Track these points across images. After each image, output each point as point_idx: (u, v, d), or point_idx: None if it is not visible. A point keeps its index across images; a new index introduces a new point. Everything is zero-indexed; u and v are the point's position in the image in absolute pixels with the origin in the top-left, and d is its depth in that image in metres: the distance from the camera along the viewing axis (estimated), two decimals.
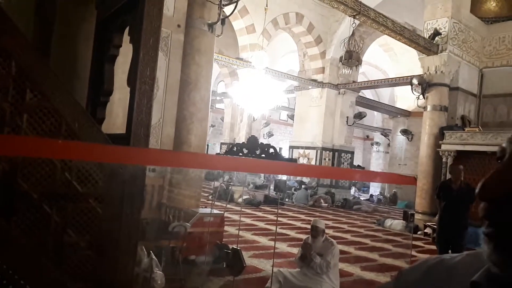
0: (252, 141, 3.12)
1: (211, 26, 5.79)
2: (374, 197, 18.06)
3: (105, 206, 1.93)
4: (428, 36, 10.19)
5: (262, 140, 17.91)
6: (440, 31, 10.10)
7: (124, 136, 1.97)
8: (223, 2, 5.94)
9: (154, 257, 3.59)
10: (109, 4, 2.44)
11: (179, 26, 5.38)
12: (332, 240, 4.10)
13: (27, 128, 1.74)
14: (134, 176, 1.99)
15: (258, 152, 2.84)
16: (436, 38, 10.10)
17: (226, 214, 6.45)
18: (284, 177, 15.65)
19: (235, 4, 6.25)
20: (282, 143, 24.52)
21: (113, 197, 1.96)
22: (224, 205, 8.99)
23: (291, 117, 18.61)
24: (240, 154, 3.16)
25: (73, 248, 1.85)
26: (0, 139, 1.29)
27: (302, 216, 10.42)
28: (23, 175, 1.73)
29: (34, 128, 1.75)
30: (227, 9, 6.48)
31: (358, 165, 25.22)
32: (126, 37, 2.46)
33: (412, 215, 9.64)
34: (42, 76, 1.82)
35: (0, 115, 1.68)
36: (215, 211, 5.64)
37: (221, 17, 6.03)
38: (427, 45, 9.92)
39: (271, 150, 2.81)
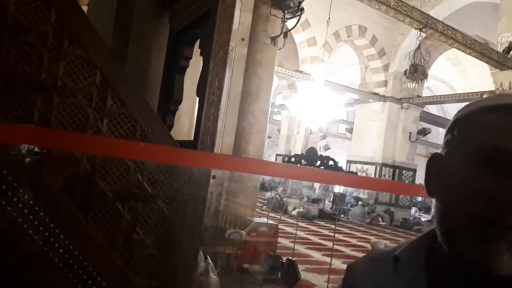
0: (311, 152, 3.12)
1: (273, 39, 5.91)
2: None
3: (172, 208, 2.03)
4: (502, 50, 9.56)
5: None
6: None
7: (192, 142, 2.08)
8: (286, 16, 6.04)
9: (210, 261, 3.69)
10: (182, 18, 2.60)
11: (243, 39, 5.56)
12: None
13: (106, 132, 1.89)
14: (199, 181, 2.09)
15: (317, 164, 2.84)
16: (511, 52, 9.44)
17: (280, 226, 6.46)
18: (342, 191, 15.34)
19: (298, 17, 6.33)
20: (339, 157, 24.05)
21: (179, 200, 2.06)
22: (278, 216, 8.99)
23: (350, 130, 18.24)
24: (299, 165, 3.18)
25: (140, 246, 1.97)
26: (89, 139, 1.43)
27: (358, 234, 10.12)
28: (101, 174, 1.88)
29: (112, 132, 1.91)
30: (290, 23, 6.58)
31: (420, 183, 23.95)
32: (195, 50, 2.61)
33: None
34: (121, 85, 1.98)
35: (85, 119, 1.85)
36: (270, 222, 5.68)
37: (283, 30, 6.14)
38: (500, 59, 9.30)
39: (331, 162, 2.80)
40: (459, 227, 0.47)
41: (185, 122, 3.11)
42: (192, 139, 2.11)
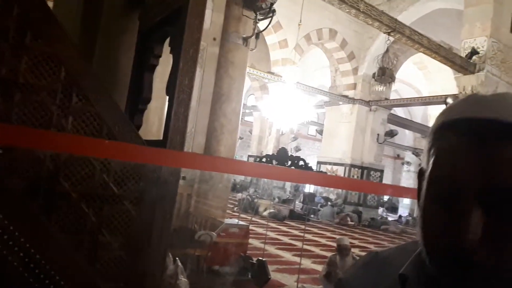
0: (282, 153, 3.14)
1: (245, 40, 5.90)
2: (402, 218, 17.57)
3: (139, 209, 1.98)
4: (465, 55, 9.97)
5: None
6: (478, 50, 9.87)
7: (160, 142, 2.03)
8: (258, 17, 6.05)
9: (180, 264, 3.64)
10: (152, 15, 2.55)
11: (214, 39, 5.53)
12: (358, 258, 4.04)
13: (71, 130, 1.83)
14: (167, 181, 2.05)
15: (288, 164, 2.86)
16: (474, 57, 9.86)
17: (251, 227, 6.45)
18: (312, 191, 15.50)
19: (269, 19, 6.36)
20: (309, 158, 24.33)
21: (146, 201, 2.01)
22: (249, 217, 8.99)
23: (320, 132, 18.51)
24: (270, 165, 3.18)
25: (106, 248, 1.91)
26: (51, 136, 1.37)
27: (328, 234, 10.26)
28: (65, 175, 1.81)
29: (77, 130, 1.84)
30: (262, 24, 6.60)
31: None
32: (165, 48, 2.56)
33: None
34: (87, 82, 1.92)
35: (48, 117, 1.77)
36: (241, 223, 5.67)
37: (255, 31, 6.15)
38: (463, 64, 9.70)
39: (301, 163, 2.82)
40: (434, 255, 0.45)
41: (154, 122, 3.05)
42: (161, 138, 2.07)
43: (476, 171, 0.42)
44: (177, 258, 3.63)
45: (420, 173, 0.52)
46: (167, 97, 2.15)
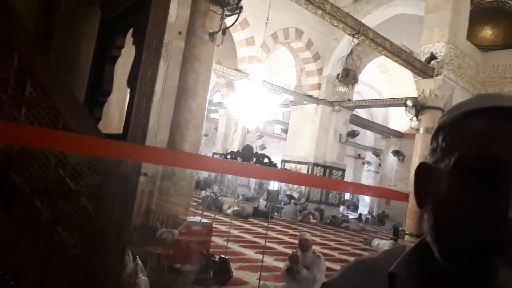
0: (247, 150, 3.13)
1: (212, 35, 5.83)
2: (362, 216, 18.08)
3: (96, 205, 1.91)
4: (424, 59, 10.37)
5: None
6: (436, 55, 10.29)
7: (120, 136, 1.96)
8: (225, 13, 6.00)
9: (140, 262, 3.55)
10: (115, 5, 2.46)
11: (180, 33, 5.43)
12: (320, 254, 4.10)
13: (24, 122, 1.73)
14: (127, 176, 1.98)
15: (252, 161, 2.85)
16: (432, 62, 10.27)
17: (214, 225, 6.41)
18: (276, 189, 15.62)
19: (237, 15, 6.32)
20: (274, 156, 24.47)
21: (104, 197, 1.94)
22: (213, 215, 8.93)
23: (285, 131, 18.69)
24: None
25: (61, 246, 1.82)
26: (1, 126, 1.28)
27: (290, 231, 10.38)
28: (18, 168, 1.71)
29: (31, 122, 1.74)
30: (228, 20, 6.55)
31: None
32: (128, 40, 2.48)
33: (403, 231, 9.68)
34: (43, 71, 1.82)
35: (0, 107, 1.67)
36: (204, 221, 5.61)
37: (222, 27, 6.09)
38: (423, 68, 10.08)
39: (266, 160, 2.83)
40: (454, 243, 0.45)
41: (114, 115, 2.95)
42: (121, 132, 2.00)
43: None
44: (137, 256, 3.53)
45: (425, 169, 0.52)
46: (129, 90, 2.09)
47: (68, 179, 1.81)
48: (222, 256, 4.21)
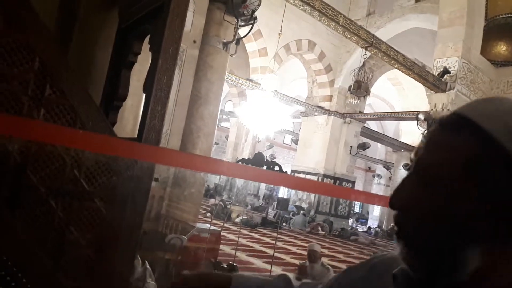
0: (258, 157, 3.14)
1: (225, 45, 5.91)
2: (372, 229, 17.87)
3: (109, 207, 1.93)
4: (437, 73, 10.33)
5: None
6: (450, 69, 10.24)
7: (135, 140, 2.00)
8: (239, 23, 6.08)
9: (148, 267, 3.56)
10: (132, 12, 2.52)
11: (194, 42, 5.50)
12: (329, 266, 4.07)
13: None
14: (140, 180, 2.01)
15: (263, 168, 2.86)
16: (445, 76, 10.22)
17: (222, 233, 6.40)
18: (285, 197, 15.54)
19: (251, 26, 6.40)
20: (284, 167, 24.46)
21: (118, 199, 1.97)
22: (221, 223, 8.92)
23: (295, 141, 18.66)
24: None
25: (73, 246, 1.85)
26: (20, 122, 1.32)
27: (299, 242, 10.31)
28: (34, 168, 1.75)
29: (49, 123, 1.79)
30: (242, 31, 6.63)
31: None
32: (144, 46, 2.53)
33: None
34: (63, 73, 1.86)
35: (19, 108, 1.71)
36: (213, 228, 5.61)
37: (236, 37, 6.16)
38: (435, 82, 10.03)
39: (276, 168, 2.83)
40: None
41: (129, 120, 3.00)
42: (136, 136, 2.03)
43: (420, 150, 0.51)
44: (146, 261, 3.55)
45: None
46: (144, 96, 2.12)
47: (83, 180, 1.84)
48: (231, 263, 4.19)
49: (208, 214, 10.53)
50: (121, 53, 2.63)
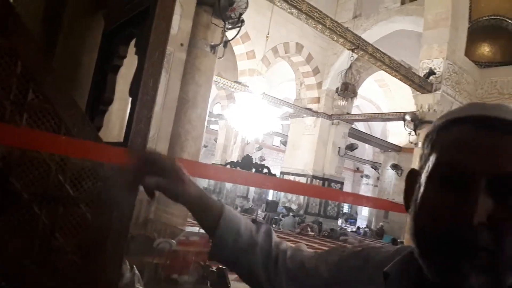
0: (247, 159, 3.14)
1: (213, 47, 5.91)
2: (360, 229, 17.99)
3: (95, 213, 1.91)
4: (423, 74, 10.46)
5: None
6: (435, 71, 10.39)
7: (121, 144, 1.98)
8: (227, 26, 6.08)
9: (137, 272, 3.53)
10: (118, 15, 2.50)
11: (182, 44, 5.49)
12: None
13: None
14: (127, 186, 1.99)
15: (252, 171, 2.86)
16: (431, 78, 10.36)
17: None
18: (275, 200, 15.55)
19: (238, 29, 6.41)
20: (273, 168, 24.46)
21: (104, 204, 1.95)
22: None
23: (284, 143, 18.72)
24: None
25: (59, 252, 1.82)
26: (2, 128, 1.30)
27: (288, 243, 10.30)
28: (17, 174, 1.72)
29: (33, 128, 1.76)
30: (230, 34, 6.64)
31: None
32: (130, 50, 2.51)
33: (401, 243, 9.64)
34: (46, 78, 1.84)
35: (1, 113, 1.69)
36: (202, 231, 5.59)
37: (223, 40, 6.17)
38: (421, 83, 10.16)
39: (265, 170, 2.84)
40: (428, 246, 0.47)
41: (115, 125, 2.97)
42: (122, 141, 2.01)
43: (486, 159, 0.45)
44: (134, 266, 3.52)
45: (413, 174, 0.55)
46: (130, 99, 2.11)
47: (68, 186, 1.82)
48: (220, 266, 4.18)
49: None
50: (106, 56, 2.61)
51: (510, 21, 11.53)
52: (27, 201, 1.75)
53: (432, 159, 0.49)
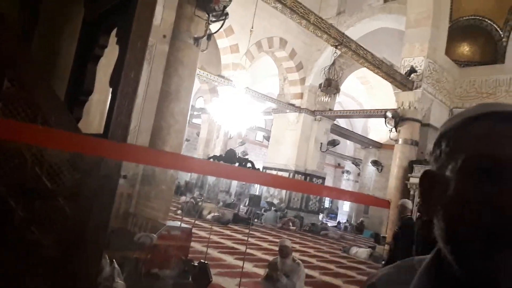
0: (230, 154, 3.12)
1: (196, 40, 5.83)
2: (341, 224, 18.23)
3: (74, 206, 1.86)
4: (404, 72, 10.61)
5: None
6: (416, 69, 10.55)
7: (101, 136, 1.93)
8: (211, 19, 6.01)
9: (116, 266, 3.48)
10: (99, 4, 2.43)
11: (164, 36, 5.40)
12: (299, 261, 4.10)
13: (0, 117, 1.68)
14: (106, 178, 1.94)
15: (236, 165, 2.84)
16: (412, 75, 10.52)
17: (193, 230, 6.34)
18: (257, 194, 15.60)
19: (222, 21, 6.35)
20: (256, 163, 24.47)
21: (82, 197, 1.90)
22: (193, 220, 8.84)
23: (267, 138, 18.74)
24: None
25: (36, 246, 1.77)
26: None
27: (270, 238, 10.37)
28: None
29: (8, 118, 1.70)
30: (214, 26, 6.57)
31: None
32: (112, 40, 2.45)
33: (384, 238, 9.81)
34: (22, 67, 1.78)
35: None
36: (183, 225, 5.55)
37: (207, 32, 6.09)
38: (403, 80, 10.31)
39: (249, 165, 2.82)
40: (466, 241, 0.46)
41: (95, 116, 2.90)
42: (102, 132, 1.96)
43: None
44: (114, 260, 3.46)
45: (430, 175, 0.54)
46: (111, 90, 2.05)
47: (45, 178, 1.77)
48: (202, 260, 4.16)
49: (179, 212, 10.40)
50: (87, 46, 2.53)
51: (489, 21, 11.80)
52: (2, 194, 1.69)
53: (461, 154, 0.49)
